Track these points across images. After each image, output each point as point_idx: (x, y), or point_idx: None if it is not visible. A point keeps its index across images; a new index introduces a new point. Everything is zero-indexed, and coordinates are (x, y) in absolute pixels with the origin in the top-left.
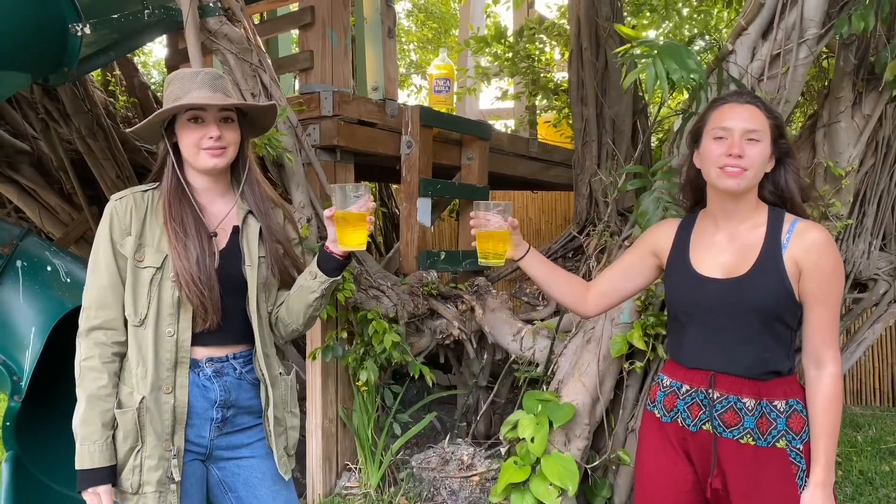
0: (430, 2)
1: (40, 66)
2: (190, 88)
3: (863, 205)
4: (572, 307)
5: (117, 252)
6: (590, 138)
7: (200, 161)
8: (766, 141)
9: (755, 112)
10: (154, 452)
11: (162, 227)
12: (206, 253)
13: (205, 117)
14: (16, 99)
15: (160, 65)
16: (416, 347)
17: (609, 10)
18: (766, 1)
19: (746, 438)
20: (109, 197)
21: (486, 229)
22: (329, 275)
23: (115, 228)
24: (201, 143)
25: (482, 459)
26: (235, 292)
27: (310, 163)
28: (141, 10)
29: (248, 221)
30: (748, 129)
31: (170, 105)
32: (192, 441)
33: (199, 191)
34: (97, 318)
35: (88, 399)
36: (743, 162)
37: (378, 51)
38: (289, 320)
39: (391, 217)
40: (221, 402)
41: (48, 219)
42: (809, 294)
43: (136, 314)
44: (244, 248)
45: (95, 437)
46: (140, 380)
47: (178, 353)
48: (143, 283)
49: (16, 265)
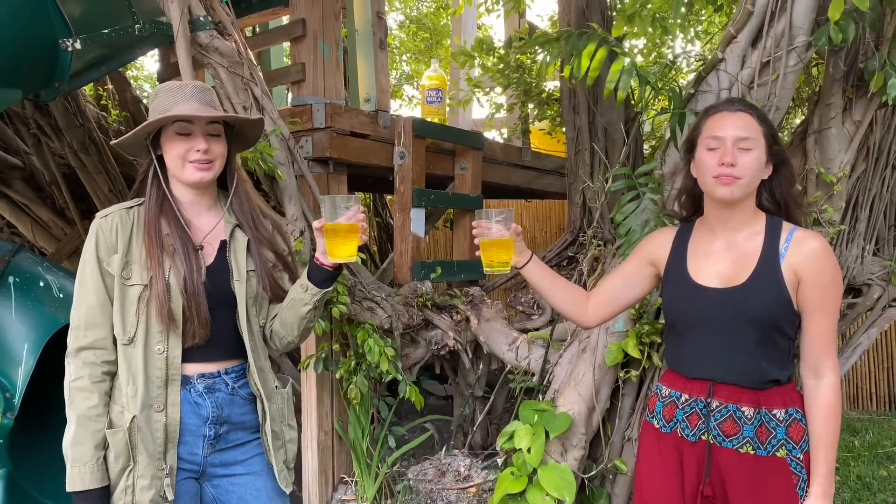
0: (423, 13)
1: (31, 81)
2: (177, 101)
3: (855, 210)
4: (572, 317)
5: (104, 270)
6: (582, 147)
7: (186, 174)
8: (759, 149)
9: (747, 120)
10: (146, 472)
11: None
12: (192, 267)
13: (192, 130)
14: (7, 114)
15: (152, 79)
16: (412, 358)
17: (600, 19)
18: (755, 9)
19: (746, 448)
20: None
21: (490, 237)
22: (320, 286)
23: (102, 246)
24: (188, 155)
25: (479, 470)
26: (225, 307)
27: (302, 175)
28: (132, 24)
29: (236, 235)
30: (740, 136)
31: (157, 117)
32: (185, 459)
33: (184, 204)
34: (86, 338)
35: (79, 420)
36: (736, 170)
37: (370, 62)
38: (283, 333)
39: (385, 227)
40: (214, 418)
41: (41, 234)
42: (808, 303)
43: (124, 333)
44: (232, 262)
45: (86, 458)
46: (130, 398)
47: (169, 370)
48: (130, 301)
49: (8, 281)
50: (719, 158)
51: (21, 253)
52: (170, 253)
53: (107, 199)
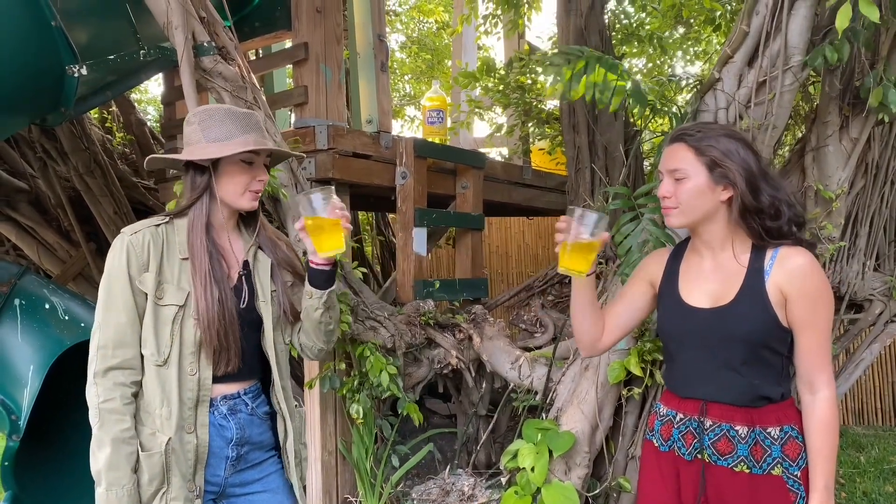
0: (424, 34)
1: (38, 107)
2: (247, 129)
3: (855, 226)
4: (588, 342)
5: (136, 288)
6: (582, 165)
7: (244, 201)
8: (696, 177)
9: (681, 150)
10: (179, 494)
11: (181, 263)
12: (228, 293)
13: (255, 160)
14: (14, 138)
15: (156, 101)
16: (415, 377)
17: (598, 39)
18: (751, 30)
19: (741, 466)
20: (107, 233)
21: (579, 240)
22: (321, 287)
23: (133, 264)
24: (251, 185)
25: (483, 489)
26: (250, 327)
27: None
28: (136, 50)
29: (259, 257)
30: (671, 168)
31: (231, 145)
32: (209, 481)
33: (215, 228)
34: (115, 358)
35: (113, 443)
36: (670, 201)
37: (371, 85)
38: (310, 343)
39: (388, 246)
40: (237, 439)
41: (46, 256)
42: (797, 319)
43: (158, 353)
44: (256, 283)
45: (124, 481)
46: (165, 420)
47: (200, 391)
48: (164, 322)
49: (14, 303)
50: (660, 190)
51: (27, 275)
52: (210, 277)
53: (112, 221)
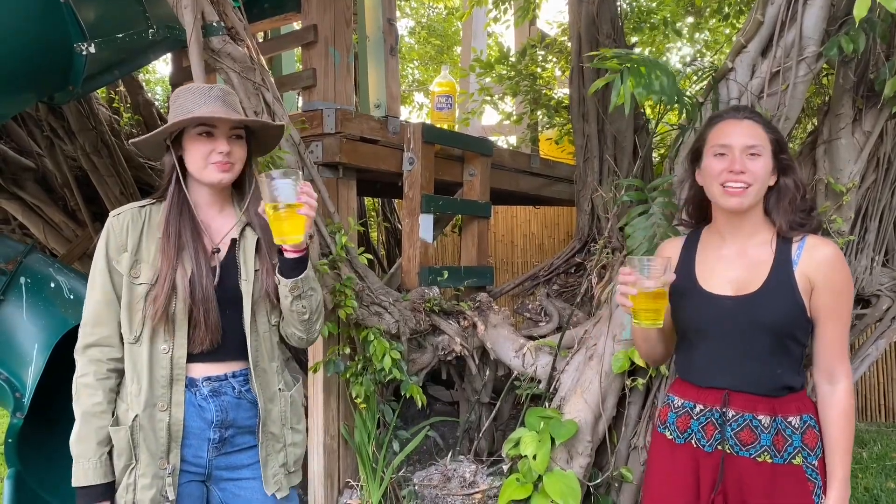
0: (433, 19)
1: (46, 84)
2: (201, 102)
3: (864, 221)
4: (663, 360)
5: (113, 268)
6: (591, 154)
7: (207, 175)
8: (766, 156)
9: (754, 127)
10: (148, 471)
11: (158, 242)
12: (203, 270)
13: (215, 132)
14: (21, 117)
15: (164, 82)
16: (418, 364)
17: (610, 27)
18: (765, 19)
19: (764, 456)
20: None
21: (645, 290)
22: (286, 276)
23: (112, 245)
24: (210, 157)
25: (484, 477)
26: (234, 307)
27: (312, 180)
28: (146, 29)
29: (246, 234)
30: (748, 144)
31: (182, 117)
32: (190, 461)
33: (200, 206)
34: (93, 335)
35: (83, 416)
36: (745, 177)
37: (380, 69)
38: (290, 330)
39: (394, 232)
40: (218, 422)
41: (52, 235)
42: (822, 310)
43: (130, 331)
44: (240, 261)
45: (90, 454)
46: (134, 397)
47: (174, 370)
48: (137, 300)
49: (19, 282)
50: (728, 166)
51: (33, 254)
52: (182, 255)
53: (118, 201)
